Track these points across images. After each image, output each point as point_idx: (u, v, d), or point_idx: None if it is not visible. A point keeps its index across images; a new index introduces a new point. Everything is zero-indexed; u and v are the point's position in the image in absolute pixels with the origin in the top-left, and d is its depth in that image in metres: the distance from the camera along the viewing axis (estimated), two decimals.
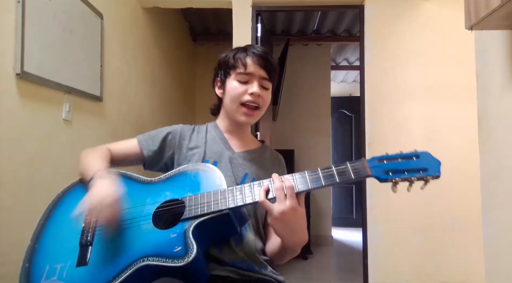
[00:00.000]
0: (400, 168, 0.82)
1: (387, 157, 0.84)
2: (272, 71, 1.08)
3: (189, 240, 0.81)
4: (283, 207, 0.82)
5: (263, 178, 1.00)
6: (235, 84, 1.05)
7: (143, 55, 2.84)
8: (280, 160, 1.18)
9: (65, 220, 0.94)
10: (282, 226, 0.85)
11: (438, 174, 0.80)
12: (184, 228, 0.84)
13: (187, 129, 1.14)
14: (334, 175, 0.84)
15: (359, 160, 0.85)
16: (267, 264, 1.00)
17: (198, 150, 1.07)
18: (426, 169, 0.81)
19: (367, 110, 2.78)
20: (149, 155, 1.09)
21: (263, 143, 1.22)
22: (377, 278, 2.66)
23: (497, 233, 1.31)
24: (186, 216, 0.87)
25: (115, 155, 1.09)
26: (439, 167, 0.81)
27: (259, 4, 2.87)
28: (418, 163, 0.82)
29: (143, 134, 1.14)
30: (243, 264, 0.94)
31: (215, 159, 1.06)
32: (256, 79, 1.05)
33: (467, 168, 2.43)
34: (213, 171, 0.94)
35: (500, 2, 0.98)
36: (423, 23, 2.78)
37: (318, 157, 4.58)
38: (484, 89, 1.39)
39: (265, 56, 1.06)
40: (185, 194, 0.91)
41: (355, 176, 0.83)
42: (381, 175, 0.82)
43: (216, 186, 0.91)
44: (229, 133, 1.13)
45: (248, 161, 1.09)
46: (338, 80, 6.11)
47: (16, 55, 1.41)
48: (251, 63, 1.04)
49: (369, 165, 0.84)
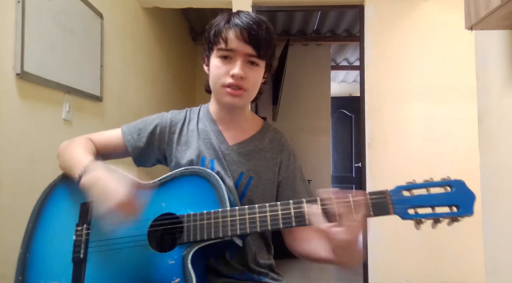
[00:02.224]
0: (428, 203, 0.70)
1: (415, 187, 0.71)
2: (262, 46, 0.86)
3: (188, 271, 0.75)
4: (350, 236, 0.69)
5: (262, 175, 0.94)
6: (217, 62, 0.89)
7: (143, 55, 2.84)
8: (283, 145, 0.99)
9: (55, 226, 0.88)
10: (343, 253, 0.74)
11: (470, 214, 0.68)
12: (182, 255, 0.77)
13: (178, 118, 1.01)
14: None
15: (380, 192, 0.72)
16: (268, 271, 0.95)
17: (191, 146, 0.96)
18: (458, 205, 0.69)
19: (367, 110, 2.78)
20: (135, 151, 0.98)
21: (265, 123, 1.03)
22: (377, 278, 2.66)
23: (497, 233, 1.31)
24: (183, 240, 0.79)
25: (98, 147, 0.97)
26: (472, 204, 0.69)
27: (259, 4, 2.87)
28: (449, 197, 0.70)
29: (128, 124, 1.01)
30: (242, 276, 0.90)
31: (211, 157, 0.93)
32: (240, 57, 0.86)
33: (467, 168, 2.43)
34: (216, 181, 0.83)
35: (500, 2, 0.98)
36: (423, 23, 2.78)
37: (318, 157, 4.58)
38: (484, 89, 1.39)
39: (252, 28, 0.84)
40: (183, 208, 0.82)
41: (374, 211, 0.71)
42: (405, 214, 0.70)
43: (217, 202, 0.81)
44: (221, 120, 0.98)
45: (243, 156, 0.94)
46: (338, 80, 6.11)
47: (16, 55, 1.41)
48: (233, 38, 0.85)
49: (392, 198, 0.71)
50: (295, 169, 0.99)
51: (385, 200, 0.71)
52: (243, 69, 0.86)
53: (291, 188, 0.96)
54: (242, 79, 0.86)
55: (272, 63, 0.96)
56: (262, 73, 0.93)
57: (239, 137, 0.97)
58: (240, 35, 0.85)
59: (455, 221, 0.69)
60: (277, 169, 0.96)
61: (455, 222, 0.69)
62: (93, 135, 0.99)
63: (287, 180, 0.97)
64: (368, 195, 0.72)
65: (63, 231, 0.86)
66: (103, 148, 0.98)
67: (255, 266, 0.93)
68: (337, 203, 0.71)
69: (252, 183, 0.93)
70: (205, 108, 1.03)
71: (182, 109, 1.05)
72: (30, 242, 0.87)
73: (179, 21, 3.93)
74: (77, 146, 0.91)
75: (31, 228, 0.89)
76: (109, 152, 0.99)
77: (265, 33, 0.87)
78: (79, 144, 0.92)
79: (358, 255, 0.74)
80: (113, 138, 0.99)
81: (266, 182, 0.95)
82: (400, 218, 0.71)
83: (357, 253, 0.73)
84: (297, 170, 0.99)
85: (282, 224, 0.75)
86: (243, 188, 0.93)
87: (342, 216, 0.70)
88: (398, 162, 2.69)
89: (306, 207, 0.74)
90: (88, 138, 0.97)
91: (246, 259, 0.91)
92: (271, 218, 0.76)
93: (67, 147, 0.93)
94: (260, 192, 0.94)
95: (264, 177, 0.95)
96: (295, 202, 0.76)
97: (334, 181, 5.19)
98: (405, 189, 0.72)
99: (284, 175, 0.97)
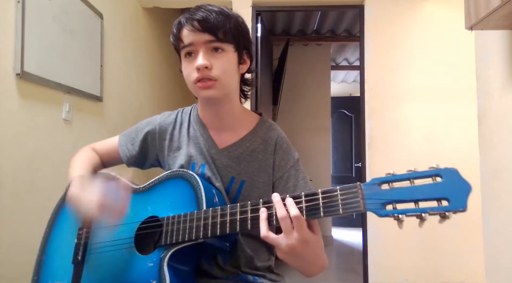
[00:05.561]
0: (410, 197, 0.58)
1: (396, 179, 0.60)
2: (218, 29, 0.82)
3: (163, 273, 0.75)
4: (292, 241, 0.66)
5: (255, 178, 0.91)
6: (184, 63, 0.87)
7: (143, 55, 2.84)
8: (276, 144, 0.93)
9: (64, 231, 0.94)
10: (293, 260, 0.70)
11: (463, 209, 0.55)
12: (160, 257, 0.77)
13: (167, 123, 0.99)
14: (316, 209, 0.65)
15: (352, 186, 0.63)
16: (265, 273, 0.93)
17: (182, 151, 0.95)
18: (448, 198, 0.55)
19: (367, 110, 2.78)
20: (130, 161, 1.02)
21: (260, 119, 0.98)
22: (377, 278, 2.66)
23: (497, 233, 1.31)
24: (161, 242, 0.79)
25: (102, 156, 1.02)
26: (466, 196, 0.55)
27: (259, 4, 2.87)
28: (437, 188, 0.57)
29: (124, 132, 1.04)
30: (236, 278, 0.89)
31: (202, 162, 0.92)
32: (201, 47, 0.83)
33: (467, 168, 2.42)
34: (195, 182, 0.82)
35: (500, 2, 0.98)
36: (423, 23, 2.78)
37: (318, 157, 4.58)
38: (484, 89, 1.39)
39: (201, 16, 0.82)
40: (165, 211, 0.83)
41: (343, 209, 0.62)
42: (380, 211, 0.59)
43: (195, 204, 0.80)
44: (211, 123, 0.95)
45: (234, 160, 0.91)
46: (338, 80, 6.11)
47: (16, 55, 1.41)
48: (187, 33, 0.84)
49: (364, 193, 0.61)
50: (291, 169, 0.93)
51: (356, 195, 0.62)
52: (206, 58, 0.83)
53: (284, 189, 0.91)
54: (208, 69, 0.83)
55: (247, 46, 0.90)
56: (233, 59, 0.87)
57: (229, 139, 0.93)
58: (192, 27, 0.83)
59: (445, 218, 0.55)
60: (271, 170, 0.92)
61: (445, 219, 0.55)
62: (97, 145, 1.04)
63: (281, 181, 0.92)
64: (339, 191, 0.64)
65: (69, 234, 0.91)
66: (106, 156, 1.02)
67: (250, 269, 0.91)
68: (276, 206, 0.68)
69: (244, 187, 0.90)
70: (195, 110, 1.00)
71: (173, 111, 1.04)
72: (46, 245, 0.94)
73: None
74: (77, 159, 0.96)
75: (48, 232, 0.95)
76: (113, 160, 1.04)
77: (218, 15, 0.83)
78: (79, 156, 0.97)
79: (314, 259, 0.72)
80: (112, 147, 1.04)
81: (261, 185, 0.91)
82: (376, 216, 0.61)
83: (311, 258, 0.71)
84: (293, 169, 0.93)
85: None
86: (235, 193, 0.91)
87: (280, 220, 0.67)
88: (398, 162, 2.69)
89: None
90: (91, 148, 1.02)
91: (240, 263, 0.89)
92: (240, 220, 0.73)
93: (72, 159, 0.97)
94: (255, 196, 0.90)
95: (258, 180, 0.91)
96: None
97: (334, 181, 5.19)
98: (384, 182, 0.61)
99: (278, 176, 0.92)
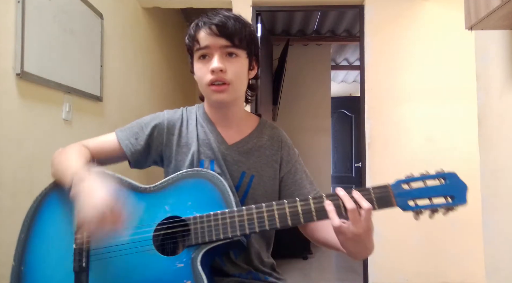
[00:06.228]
0: (426, 195, 0.76)
1: (412, 180, 0.77)
2: (235, 35, 0.87)
3: (198, 273, 0.75)
4: (360, 230, 0.73)
5: (263, 172, 0.95)
6: (198, 64, 0.91)
7: (143, 55, 2.84)
8: (281, 141, 1.01)
9: (51, 236, 0.84)
10: (355, 245, 0.77)
11: (464, 203, 0.75)
12: (191, 257, 0.77)
13: (175, 118, 0.99)
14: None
15: (383, 186, 0.77)
16: (271, 271, 0.97)
17: (191, 147, 0.95)
18: (453, 196, 0.75)
19: (367, 110, 2.78)
20: (134, 156, 0.96)
21: (260, 119, 1.04)
22: (377, 278, 2.66)
23: (497, 233, 1.31)
24: (192, 242, 0.78)
25: (94, 153, 0.94)
26: (465, 193, 0.75)
27: (259, 4, 2.87)
28: (444, 188, 0.76)
29: (122, 128, 0.99)
30: (248, 275, 0.92)
31: (211, 158, 0.94)
32: (216, 51, 0.87)
33: (467, 168, 2.42)
34: (220, 182, 0.84)
35: (500, 2, 0.98)
36: (423, 23, 2.78)
37: (318, 157, 4.58)
38: (484, 89, 1.39)
39: (219, 21, 0.87)
40: (188, 211, 0.82)
41: (378, 204, 0.76)
42: (406, 206, 0.76)
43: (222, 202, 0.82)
44: (218, 121, 0.98)
45: (243, 155, 0.95)
46: (338, 80, 6.11)
47: (16, 55, 1.41)
48: (204, 36, 0.88)
49: (394, 192, 0.76)
50: (296, 163, 1.01)
51: (388, 194, 0.76)
52: (221, 62, 0.87)
53: (293, 182, 0.98)
54: (223, 72, 0.87)
55: (257, 53, 0.96)
56: (245, 64, 0.92)
57: (236, 136, 0.98)
58: (210, 30, 0.87)
59: (450, 210, 0.75)
60: (277, 165, 0.98)
61: (450, 211, 0.75)
62: (87, 141, 0.97)
63: (289, 175, 0.99)
64: (372, 190, 0.76)
65: (60, 240, 0.83)
66: (98, 154, 0.95)
67: (259, 264, 0.94)
68: (344, 199, 0.75)
69: (254, 181, 0.94)
70: (201, 109, 1.02)
71: (177, 109, 1.03)
72: (24, 254, 0.83)
73: (179, 21, 3.93)
74: (70, 153, 0.88)
75: (24, 239, 0.84)
76: (105, 158, 0.96)
77: (235, 22, 0.88)
78: (72, 151, 0.90)
79: (371, 245, 0.78)
80: (108, 143, 0.97)
81: (267, 179, 0.96)
82: (401, 210, 0.76)
83: (369, 244, 0.77)
84: (298, 163, 1.01)
85: (291, 221, 0.78)
86: (246, 187, 0.94)
87: (349, 211, 0.74)
88: (398, 162, 2.69)
89: (312, 204, 0.78)
90: (82, 144, 0.95)
91: (251, 258, 0.93)
92: (279, 215, 0.78)
93: (60, 155, 0.90)
94: (261, 190, 0.95)
95: (265, 174, 0.96)
96: (301, 199, 0.78)
97: (334, 181, 5.19)
98: (404, 182, 0.77)
99: (286, 170, 0.99)
